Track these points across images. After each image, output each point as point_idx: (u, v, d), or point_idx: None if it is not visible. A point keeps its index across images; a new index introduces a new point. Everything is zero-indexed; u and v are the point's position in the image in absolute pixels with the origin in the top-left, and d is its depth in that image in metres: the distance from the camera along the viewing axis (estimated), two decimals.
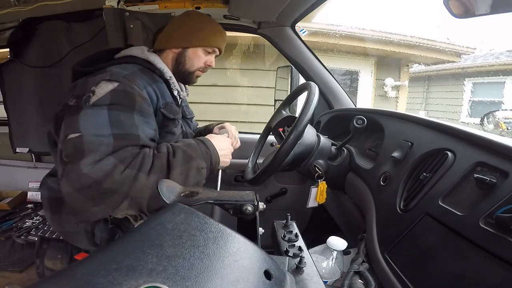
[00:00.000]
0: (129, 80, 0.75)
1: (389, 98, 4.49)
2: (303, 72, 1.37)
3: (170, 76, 0.91)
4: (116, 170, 0.66)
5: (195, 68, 0.95)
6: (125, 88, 0.73)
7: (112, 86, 0.72)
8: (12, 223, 1.55)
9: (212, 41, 0.94)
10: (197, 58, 0.94)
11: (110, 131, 0.68)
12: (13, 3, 1.29)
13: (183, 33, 0.92)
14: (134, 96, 0.74)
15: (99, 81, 0.73)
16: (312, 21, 3.47)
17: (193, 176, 0.74)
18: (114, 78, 0.74)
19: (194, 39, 0.92)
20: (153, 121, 0.79)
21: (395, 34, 4.07)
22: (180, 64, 0.94)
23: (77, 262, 0.22)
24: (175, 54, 0.93)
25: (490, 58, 5.07)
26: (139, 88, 0.76)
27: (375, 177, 0.79)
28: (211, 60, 0.97)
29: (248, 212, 0.46)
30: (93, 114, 0.69)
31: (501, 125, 2.28)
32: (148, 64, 0.87)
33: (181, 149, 0.76)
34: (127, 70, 0.78)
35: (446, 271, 0.48)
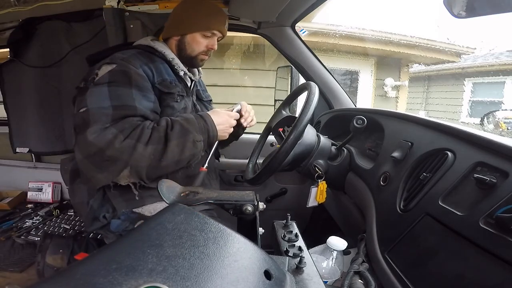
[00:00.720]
0: (125, 62, 0.84)
1: (389, 98, 4.49)
2: (303, 72, 1.37)
3: (172, 58, 0.95)
4: (117, 139, 0.74)
5: (196, 53, 0.98)
6: (122, 68, 0.82)
7: (110, 68, 0.82)
8: (12, 223, 1.55)
9: (208, 25, 0.95)
10: (197, 43, 0.96)
11: (109, 103, 0.78)
12: (13, 3, 1.30)
13: (179, 20, 0.96)
14: (131, 74, 0.82)
15: (101, 65, 0.84)
16: (312, 21, 3.47)
17: (189, 148, 0.80)
18: (113, 61, 0.84)
19: (189, 24, 0.95)
20: (151, 94, 0.86)
21: (395, 34, 4.07)
22: (182, 50, 0.98)
23: (77, 262, 0.22)
24: (177, 41, 0.98)
25: (490, 58, 5.07)
26: (135, 67, 0.84)
27: (375, 177, 0.79)
28: (212, 43, 0.98)
29: (248, 212, 0.46)
30: (96, 91, 0.80)
31: (501, 125, 2.28)
32: (149, 48, 0.94)
33: (179, 123, 0.82)
34: (126, 54, 0.87)
35: (446, 271, 0.48)
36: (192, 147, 0.81)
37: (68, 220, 1.58)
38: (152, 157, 0.77)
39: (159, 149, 0.78)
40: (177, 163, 0.81)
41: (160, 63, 0.93)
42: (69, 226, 1.51)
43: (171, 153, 0.78)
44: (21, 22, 1.43)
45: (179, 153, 0.79)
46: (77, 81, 0.87)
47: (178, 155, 0.79)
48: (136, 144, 0.76)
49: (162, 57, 0.95)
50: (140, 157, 0.76)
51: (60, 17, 1.40)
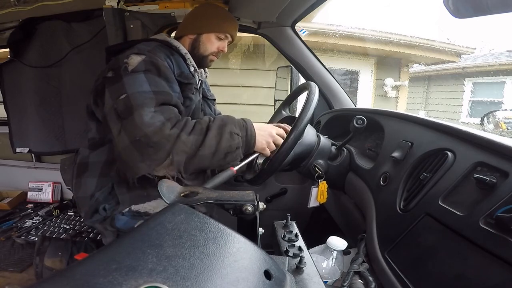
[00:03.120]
0: (152, 53, 0.87)
1: (389, 98, 4.49)
2: (303, 72, 1.37)
3: (186, 52, 1.01)
4: (165, 126, 0.76)
5: (208, 52, 1.05)
6: (152, 59, 0.85)
7: (141, 58, 0.85)
8: (12, 223, 1.55)
9: (223, 27, 1.04)
10: (210, 43, 1.04)
11: (149, 89, 0.81)
12: (13, 3, 1.30)
13: (198, 20, 1.04)
14: (159, 65, 0.86)
15: (129, 55, 0.86)
16: (312, 21, 3.47)
17: (226, 139, 0.80)
18: (141, 52, 0.87)
19: (207, 25, 1.03)
20: (176, 86, 0.90)
21: (395, 34, 4.07)
22: (195, 49, 1.04)
23: (77, 262, 0.22)
24: (191, 40, 1.05)
25: (490, 58, 5.07)
26: (161, 59, 0.88)
27: (375, 177, 0.79)
28: (223, 46, 1.06)
29: (248, 212, 0.46)
30: (134, 78, 0.82)
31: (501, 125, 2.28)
32: (166, 43, 1.00)
33: (220, 117, 0.85)
34: (149, 46, 0.91)
35: (446, 271, 0.48)
36: (229, 138, 0.81)
37: (68, 220, 1.58)
38: (193, 147, 0.78)
39: (199, 139, 0.78)
40: (214, 154, 0.80)
41: (177, 56, 0.98)
42: (69, 226, 1.51)
43: (209, 142, 0.79)
44: (21, 22, 1.43)
45: (216, 143, 0.79)
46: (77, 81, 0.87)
47: (215, 146, 0.79)
48: (180, 134, 0.77)
49: (177, 51, 1.00)
50: (182, 147, 0.76)
51: (60, 17, 1.40)
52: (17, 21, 1.44)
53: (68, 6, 1.31)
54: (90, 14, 1.38)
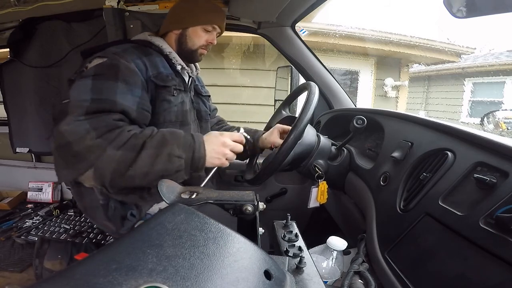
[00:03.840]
0: (117, 55, 0.81)
1: (389, 98, 4.49)
2: (303, 72, 1.37)
3: (170, 52, 0.95)
4: (88, 135, 0.69)
5: (197, 46, 0.99)
6: (111, 62, 0.80)
7: (100, 61, 0.80)
8: (12, 223, 1.55)
9: (209, 19, 0.98)
10: (198, 37, 0.98)
11: (89, 96, 0.74)
12: (13, 3, 1.29)
13: (181, 14, 0.98)
14: (119, 68, 0.79)
15: (93, 58, 0.82)
16: (312, 21, 3.47)
17: (161, 162, 0.72)
18: (105, 54, 0.82)
19: (192, 18, 0.97)
20: (139, 90, 0.81)
21: (395, 34, 4.07)
22: (183, 44, 0.98)
23: (77, 262, 0.22)
24: (177, 35, 0.99)
25: (490, 58, 5.07)
26: (126, 61, 0.81)
27: (375, 177, 0.79)
28: (212, 38, 1.00)
29: (248, 212, 0.46)
30: (80, 84, 0.77)
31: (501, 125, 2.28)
32: (145, 43, 0.94)
33: (162, 133, 0.76)
34: (119, 48, 0.85)
35: (446, 271, 0.48)
36: (166, 161, 0.72)
37: (68, 220, 1.58)
38: (122, 164, 0.70)
39: (130, 156, 0.70)
40: (145, 175, 0.71)
41: (157, 57, 0.92)
42: (69, 226, 1.51)
43: (141, 162, 0.71)
44: (21, 22, 1.43)
45: (150, 164, 0.71)
46: None
47: (147, 167, 0.71)
48: (107, 147, 0.69)
49: (159, 50, 0.94)
50: (107, 161, 0.69)
51: (60, 17, 1.40)
52: (17, 21, 1.44)
53: (68, 6, 1.31)
54: (90, 14, 1.38)
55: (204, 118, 1.11)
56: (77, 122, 0.70)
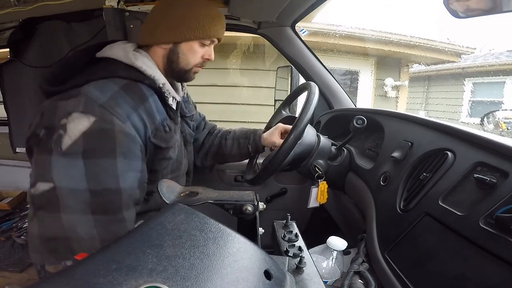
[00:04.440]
0: (107, 110, 0.61)
1: (389, 98, 4.49)
2: (303, 72, 1.37)
3: (164, 83, 0.76)
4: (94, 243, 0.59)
5: (191, 66, 0.80)
6: (102, 126, 0.60)
7: (86, 123, 0.58)
8: (12, 223, 1.55)
9: (209, 30, 0.76)
10: (193, 54, 0.78)
11: (86, 186, 0.58)
12: (13, 3, 1.29)
13: (172, 23, 0.75)
14: (114, 135, 0.61)
15: (71, 112, 0.59)
16: (312, 21, 3.47)
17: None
18: (89, 109, 0.60)
19: (187, 30, 0.75)
20: (139, 162, 0.67)
21: (395, 34, 4.08)
22: (173, 63, 0.78)
23: (77, 262, 0.22)
24: (166, 51, 0.77)
25: (490, 58, 5.08)
26: (120, 120, 0.62)
27: (375, 177, 0.79)
28: (209, 53, 0.81)
29: (248, 212, 0.46)
30: (67, 164, 0.58)
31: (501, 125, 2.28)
32: (135, 73, 0.72)
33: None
34: (105, 92, 0.64)
35: (446, 271, 0.48)
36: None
37: None
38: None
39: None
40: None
41: (150, 96, 0.72)
42: None
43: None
44: (21, 22, 1.43)
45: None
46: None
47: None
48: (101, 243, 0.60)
49: (151, 84, 0.73)
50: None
51: (60, 17, 1.40)
52: (17, 21, 1.44)
53: (68, 6, 1.31)
54: (90, 14, 1.38)
55: (189, 141, 0.98)
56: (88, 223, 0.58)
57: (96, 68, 0.71)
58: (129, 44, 0.77)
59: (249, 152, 1.07)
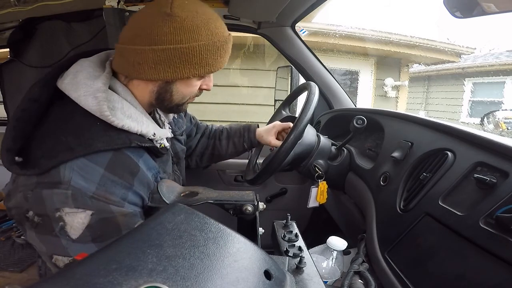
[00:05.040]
0: (100, 201, 0.55)
1: (389, 98, 4.49)
2: (303, 72, 1.37)
3: (154, 134, 0.64)
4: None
5: (186, 99, 0.68)
6: (102, 216, 0.55)
7: (86, 218, 0.54)
8: (12, 223, 1.55)
9: (214, 65, 0.62)
10: (190, 89, 0.66)
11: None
12: (13, 3, 1.29)
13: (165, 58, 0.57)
14: (117, 220, 0.57)
15: (62, 207, 0.53)
16: (312, 21, 3.47)
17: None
18: (81, 204, 0.53)
19: (185, 67, 0.59)
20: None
21: (395, 34, 4.08)
22: (165, 100, 0.66)
23: (77, 262, 0.22)
24: (155, 87, 0.63)
25: (490, 58, 5.08)
26: (118, 205, 0.56)
27: (375, 177, 0.79)
28: (208, 83, 0.69)
29: (248, 212, 0.46)
30: (81, 247, 0.55)
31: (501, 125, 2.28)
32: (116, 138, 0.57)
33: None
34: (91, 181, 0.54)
35: (446, 271, 0.48)
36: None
37: None
38: None
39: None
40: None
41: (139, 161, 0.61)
42: None
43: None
44: (21, 22, 1.43)
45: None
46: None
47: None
48: None
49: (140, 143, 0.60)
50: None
51: (60, 17, 1.40)
52: (17, 21, 1.44)
53: (68, 6, 1.31)
54: (90, 14, 1.38)
55: (181, 158, 0.91)
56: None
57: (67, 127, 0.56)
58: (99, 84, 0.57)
59: (245, 149, 1.06)
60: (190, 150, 1.07)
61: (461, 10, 0.55)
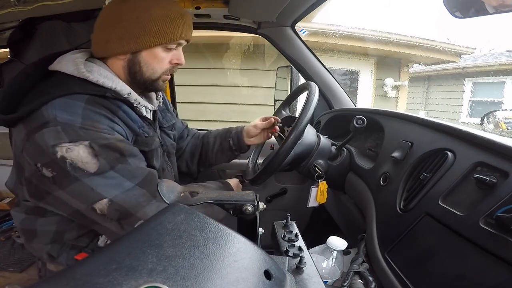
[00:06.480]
0: (90, 130, 0.59)
1: (389, 98, 4.49)
2: (303, 72, 1.37)
3: (129, 93, 0.69)
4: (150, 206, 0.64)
5: (159, 74, 0.72)
6: (100, 143, 0.60)
7: (85, 148, 0.59)
8: (12, 223, 1.55)
9: (172, 33, 0.67)
10: (158, 61, 0.70)
11: (133, 183, 0.63)
12: (13, 3, 1.29)
13: (125, 31, 0.65)
14: (116, 145, 0.62)
15: (57, 144, 0.57)
16: (312, 21, 3.48)
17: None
18: (74, 137, 0.58)
19: (144, 36, 0.66)
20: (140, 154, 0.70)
21: (395, 34, 4.08)
22: (137, 74, 0.70)
23: (77, 262, 0.22)
24: (124, 62, 0.69)
25: (490, 58, 5.08)
26: (108, 132, 0.62)
27: (375, 177, 0.79)
28: (178, 56, 0.72)
29: (248, 212, 0.46)
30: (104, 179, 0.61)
31: (501, 125, 2.29)
32: (92, 88, 0.64)
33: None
34: (73, 113, 0.60)
35: (446, 271, 0.48)
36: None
37: None
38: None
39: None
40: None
41: (119, 108, 0.67)
42: None
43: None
44: (21, 22, 1.43)
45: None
46: None
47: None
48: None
49: (116, 96, 0.67)
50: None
51: (60, 17, 1.40)
52: (17, 21, 1.44)
53: (68, 6, 1.31)
54: (90, 14, 1.38)
55: (171, 153, 0.94)
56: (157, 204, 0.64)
57: (47, 86, 0.64)
58: (79, 54, 0.69)
59: (230, 146, 1.03)
60: (181, 151, 1.07)
61: (461, 10, 0.55)
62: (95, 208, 0.62)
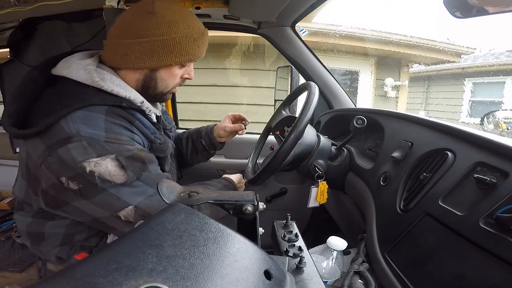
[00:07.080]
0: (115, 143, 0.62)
1: (389, 98, 4.49)
2: (303, 72, 1.37)
3: (142, 101, 0.71)
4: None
5: (169, 88, 0.76)
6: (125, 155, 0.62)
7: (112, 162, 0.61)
8: (12, 223, 1.55)
9: (193, 54, 0.70)
10: (173, 77, 0.74)
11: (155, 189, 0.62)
12: (13, 3, 1.29)
13: (149, 48, 0.66)
14: (139, 155, 0.65)
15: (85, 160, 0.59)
16: (312, 21, 3.47)
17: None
18: (101, 152, 0.60)
19: (167, 56, 0.68)
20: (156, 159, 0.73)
21: (395, 34, 4.08)
22: (150, 89, 0.73)
23: (77, 262, 0.22)
24: (141, 75, 0.71)
25: (490, 58, 5.08)
26: (130, 144, 0.64)
27: (375, 177, 0.79)
28: (189, 72, 0.77)
29: (248, 212, 0.46)
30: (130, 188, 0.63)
31: (501, 125, 2.28)
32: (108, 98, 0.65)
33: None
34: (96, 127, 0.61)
35: (446, 271, 0.48)
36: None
37: None
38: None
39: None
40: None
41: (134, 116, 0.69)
42: None
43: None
44: (21, 22, 1.43)
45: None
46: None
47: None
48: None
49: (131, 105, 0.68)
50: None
51: (60, 17, 1.40)
52: (17, 21, 1.44)
53: (68, 6, 1.31)
54: (90, 14, 1.38)
55: (173, 154, 0.97)
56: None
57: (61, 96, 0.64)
58: (89, 60, 0.68)
59: (203, 146, 1.04)
60: None
61: (461, 10, 0.55)
62: (120, 216, 0.64)
